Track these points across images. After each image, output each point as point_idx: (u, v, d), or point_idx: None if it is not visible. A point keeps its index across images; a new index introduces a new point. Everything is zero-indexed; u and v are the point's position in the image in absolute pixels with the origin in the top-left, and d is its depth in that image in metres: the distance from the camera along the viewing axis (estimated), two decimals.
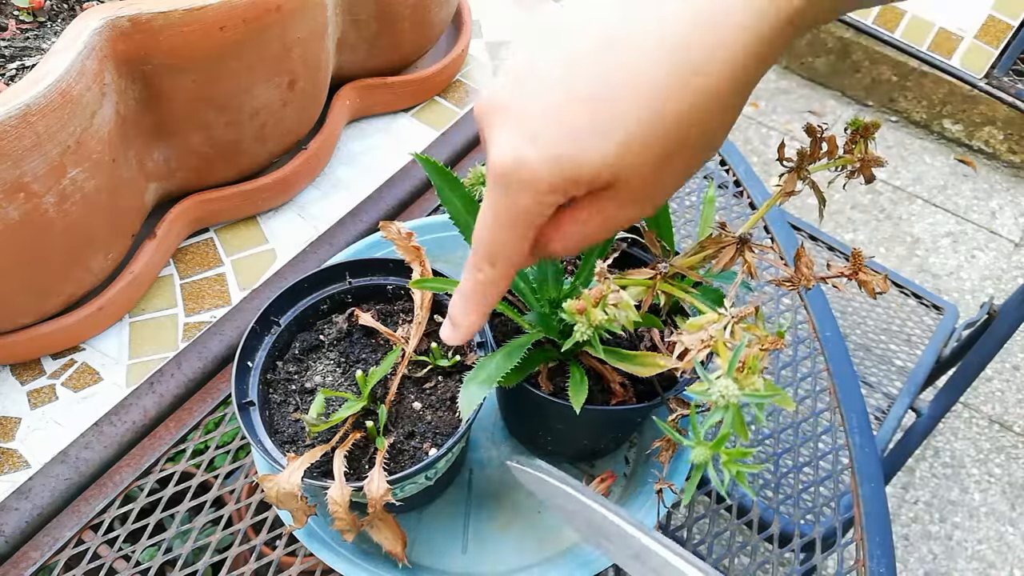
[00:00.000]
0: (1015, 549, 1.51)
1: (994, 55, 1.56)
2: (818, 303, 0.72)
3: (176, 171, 0.65)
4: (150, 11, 0.52)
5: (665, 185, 0.33)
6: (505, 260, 0.35)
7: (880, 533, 0.58)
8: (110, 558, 0.56)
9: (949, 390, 1.14)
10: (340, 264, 0.54)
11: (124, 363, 0.63)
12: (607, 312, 0.38)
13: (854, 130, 0.39)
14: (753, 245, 0.42)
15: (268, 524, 0.56)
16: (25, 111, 0.46)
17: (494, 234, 0.34)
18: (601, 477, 0.58)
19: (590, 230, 0.35)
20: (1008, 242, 2.00)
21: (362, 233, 0.73)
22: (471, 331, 0.39)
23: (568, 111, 0.30)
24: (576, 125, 0.30)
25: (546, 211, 0.33)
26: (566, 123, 0.30)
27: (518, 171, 0.31)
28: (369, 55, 0.76)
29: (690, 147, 0.31)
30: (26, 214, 0.50)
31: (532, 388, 0.49)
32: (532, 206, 0.32)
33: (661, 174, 0.32)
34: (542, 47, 0.32)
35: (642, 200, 0.33)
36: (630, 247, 0.57)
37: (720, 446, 0.33)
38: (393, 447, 0.49)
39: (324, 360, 0.53)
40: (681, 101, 0.29)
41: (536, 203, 0.32)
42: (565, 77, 0.31)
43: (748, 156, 2.14)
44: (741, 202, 0.80)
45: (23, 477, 0.57)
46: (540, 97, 0.31)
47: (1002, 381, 1.76)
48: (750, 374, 0.33)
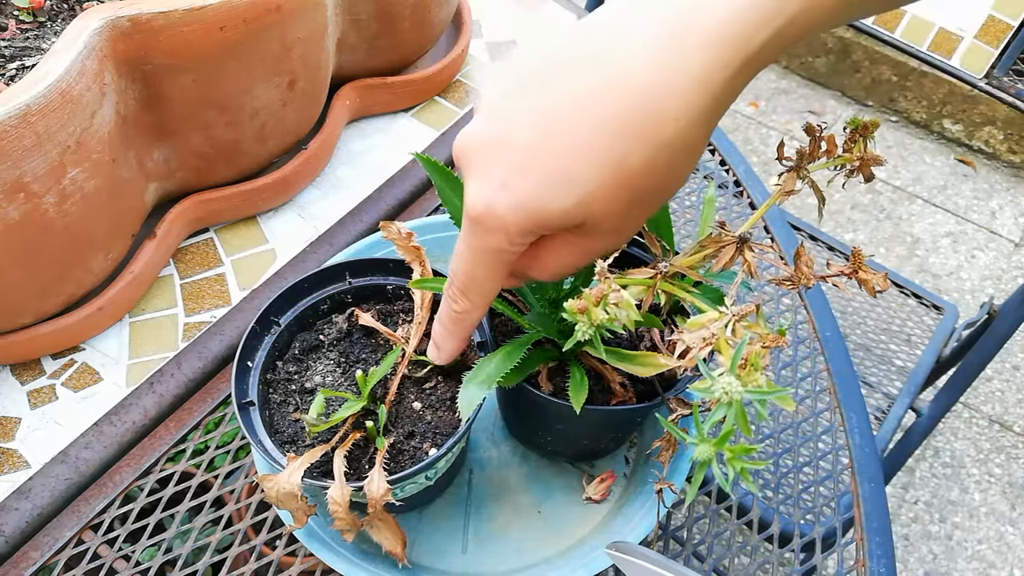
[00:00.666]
0: (1015, 549, 1.51)
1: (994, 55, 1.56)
2: (818, 303, 0.72)
3: (176, 171, 0.65)
4: (150, 11, 0.52)
5: (638, 220, 0.34)
6: (478, 293, 0.37)
7: (880, 533, 0.58)
8: (110, 558, 0.56)
9: (949, 390, 1.14)
10: (340, 264, 0.54)
11: (124, 363, 0.63)
12: (608, 311, 0.38)
13: (853, 129, 0.39)
14: (753, 244, 0.42)
15: (268, 524, 0.56)
16: (25, 111, 0.46)
17: (469, 269, 0.36)
18: (601, 477, 0.58)
19: (568, 261, 0.36)
20: (1008, 242, 2.00)
21: (362, 233, 0.73)
22: (453, 354, 0.42)
23: (536, 161, 0.31)
24: (543, 175, 0.31)
25: (517, 250, 0.34)
26: (534, 172, 0.31)
27: (489, 216, 0.33)
28: (369, 55, 0.76)
29: (656, 189, 0.32)
30: (26, 214, 0.50)
31: (532, 388, 0.49)
32: (504, 246, 0.34)
33: (631, 213, 0.33)
34: (517, 92, 0.33)
35: (616, 234, 0.34)
36: (630, 247, 0.57)
37: (724, 443, 0.33)
38: (393, 447, 0.49)
39: (324, 360, 0.53)
40: (643, 152, 0.30)
41: (508, 244, 0.34)
42: (534, 125, 0.31)
43: (748, 156, 2.14)
44: (741, 202, 0.80)
45: (23, 477, 0.57)
46: (510, 145, 0.32)
47: (1002, 381, 1.76)
48: (752, 371, 0.33)
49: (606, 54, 0.30)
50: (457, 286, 0.38)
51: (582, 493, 0.58)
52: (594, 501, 0.58)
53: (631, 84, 0.30)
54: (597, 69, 0.30)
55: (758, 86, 2.32)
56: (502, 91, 0.33)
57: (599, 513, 0.57)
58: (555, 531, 0.56)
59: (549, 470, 0.59)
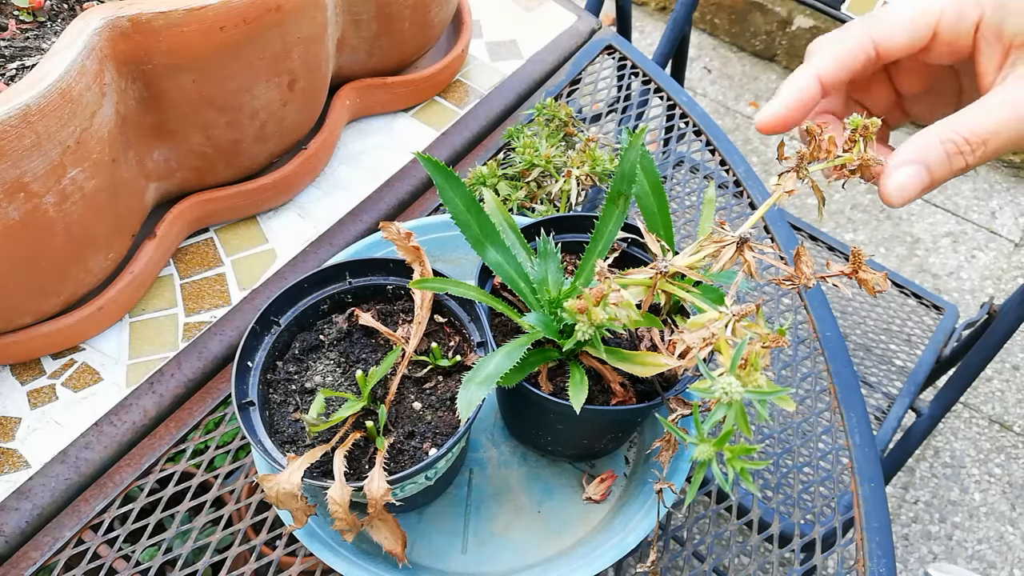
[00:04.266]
0: (1015, 549, 1.51)
1: None
2: (818, 303, 0.72)
3: (176, 171, 0.65)
4: (150, 11, 0.52)
5: None
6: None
7: (880, 533, 0.58)
8: (110, 558, 0.56)
9: (949, 390, 1.14)
10: (340, 264, 0.54)
11: (124, 363, 0.63)
12: (608, 311, 0.38)
13: (853, 130, 0.39)
14: (753, 244, 0.42)
15: (268, 524, 0.56)
16: (25, 111, 0.46)
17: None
18: (601, 477, 0.58)
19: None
20: (1008, 242, 2.00)
21: (362, 233, 0.73)
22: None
23: None
24: None
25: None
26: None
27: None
28: (369, 55, 0.76)
29: None
30: (26, 214, 0.50)
31: (532, 388, 0.49)
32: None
33: None
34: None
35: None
36: (630, 247, 0.57)
37: (724, 443, 0.33)
38: (393, 447, 0.49)
39: (324, 360, 0.53)
40: None
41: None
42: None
43: (748, 156, 2.14)
44: (741, 202, 0.80)
45: (23, 477, 0.57)
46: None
47: (1002, 381, 1.75)
48: (752, 371, 0.33)
49: None
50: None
51: (582, 493, 0.58)
52: (594, 501, 0.58)
53: None
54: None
55: (758, 86, 2.32)
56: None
57: (599, 513, 0.57)
58: (555, 531, 0.56)
59: (549, 470, 0.59)
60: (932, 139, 0.38)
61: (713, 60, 2.38)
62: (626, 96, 0.89)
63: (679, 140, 0.85)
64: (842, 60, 0.40)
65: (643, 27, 2.47)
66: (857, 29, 0.41)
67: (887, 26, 0.40)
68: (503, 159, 0.77)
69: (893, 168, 0.38)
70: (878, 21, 0.40)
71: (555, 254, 0.51)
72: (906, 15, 0.40)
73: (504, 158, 0.77)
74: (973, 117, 0.38)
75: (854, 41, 0.40)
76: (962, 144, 0.38)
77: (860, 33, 0.41)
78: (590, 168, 0.71)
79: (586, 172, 0.71)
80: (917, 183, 0.38)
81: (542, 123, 0.78)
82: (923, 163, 0.38)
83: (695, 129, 0.86)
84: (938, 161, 0.38)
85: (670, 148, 0.84)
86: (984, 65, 0.40)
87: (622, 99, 0.88)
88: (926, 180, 0.38)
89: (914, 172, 0.38)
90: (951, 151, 0.38)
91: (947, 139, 0.38)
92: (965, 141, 0.38)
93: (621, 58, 0.92)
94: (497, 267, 0.50)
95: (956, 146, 0.38)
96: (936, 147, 0.38)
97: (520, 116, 0.85)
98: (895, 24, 0.40)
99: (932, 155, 0.38)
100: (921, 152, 0.38)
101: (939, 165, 0.38)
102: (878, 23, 0.40)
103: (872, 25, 0.40)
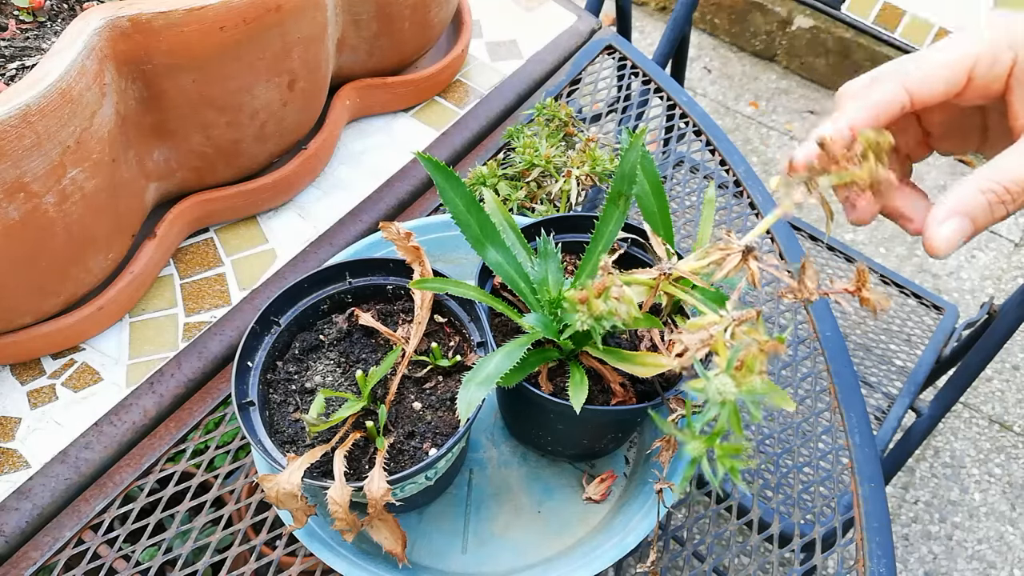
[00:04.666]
0: (1015, 549, 1.51)
1: None
2: (818, 303, 0.72)
3: (176, 171, 0.65)
4: (150, 11, 0.52)
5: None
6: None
7: (880, 533, 0.58)
8: (110, 558, 0.56)
9: (949, 390, 1.14)
10: (340, 264, 0.54)
11: (124, 363, 0.63)
12: (608, 304, 0.38)
13: (865, 146, 0.39)
14: (758, 255, 0.42)
15: (268, 524, 0.56)
16: (25, 111, 0.46)
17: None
18: (601, 477, 0.58)
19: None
20: (1008, 242, 2.00)
21: (362, 233, 0.73)
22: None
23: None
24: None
25: None
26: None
27: None
28: (369, 55, 0.76)
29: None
30: (26, 214, 0.50)
31: (532, 388, 0.49)
32: None
33: None
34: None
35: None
36: (630, 247, 0.57)
37: (714, 441, 0.33)
38: (393, 447, 0.49)
39: (324, 360, 0.53)
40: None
41: None
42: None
43: (748, 156, 2.14)
44: (741, 202, 0.80)
45: (23, 477, 0.57)
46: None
47: (1002, 381, 1.75)
48: (748, 373, 0.33)
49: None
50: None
51: (582, 493, 0.58)
52: (594, 501, 0.58)
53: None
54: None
55: (758, 86, 2.32)
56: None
57: (599, 513, 0.57)
58: (555, 531, 0.56)
59: (549, 470, 0.59)
60: (973, 190, 0.39)
61: (713, 60, 2.38)
62: (626, 96, 0.89)
63: (679, 140, 0.85)
64: (877, 112, 0.40)
65: (643, 27, 2.47)
66: (891, 78, 0.41)
67: (921, 74, 0.40)
68: (503, 159, 0.77)
69: (938, 222, 0.39)
70: (913, 69, 0.40)
71: (555, 254, 0.51)
72: (941, 62, 0.40)
73: (504, 158, 0.77)
74: (1011, 164, 0.39)
75: (890, 91, 0.40)
76: (1003, 194, 0.38)
77: (895, 83, 0.40)
78: (590, 168, 0.71)
79: (586, 172, 0.71)
80: (961, 236, 0.39)
81: (542, 123, 0.78)
82: (967, 215, 0.39)
83: (695, 129, 0.86)
84: (981, 212, 0.39)
85: (670, 148, 0.84)
86: (1017, 107, 0.40)
87: (622, 99, 0.88)
88: (969, 231, 0.39)
89: (958, 226, 0.39)
90: (993, 201, 0.39)
91: (988, 189, 0.39)
92: (1006, 191, 0.38)
93: (621, 58, 0.92)
94: (497, 267, 0.50)
95: (997, 196, 0.38)
96: (979, 198, 0.39)
97: (520, 116, 0.85)
98: (930, 72, 0.40)
99: (976, 206, 0.39)
100: (964, 204, 0.39)
101: (982, 215, 0.39)
102: (913, 71, 0.40)
103: (906, 73, 0.40)
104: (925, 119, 0.46)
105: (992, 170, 0.39)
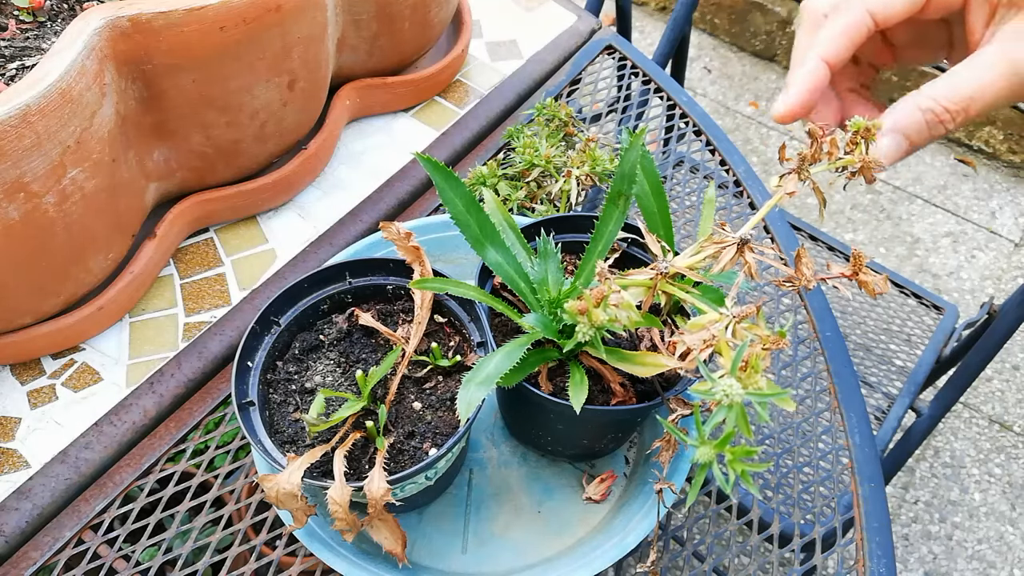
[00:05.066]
0: (1015, 549, 1.51)
1: None
2: (818, 303, 0.72)
3: (176, 171, 0.65)
4: (150, 11, 0.52)
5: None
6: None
7: (880, 533, 0.58)
8: (110, 558, 0.56)
9: (949, 390, 1.14)
10: (340, 264, 0.54)
11: (124, 363, 0.63)
12: (608, 312, 0.38)
13: (855, 132, 0.39)
14: (753, 245, 0.42)
15: (268, 524, 0.56)
16: (25, 111, 0.46)
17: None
18: (601, 477, 0.58)
19: None
20: (1008, 242, 2.00)
21: (362, 233, 0.73)
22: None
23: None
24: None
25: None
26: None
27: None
28: (369, 55, 0.76)
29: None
30: (26, 214, 0.50)
31: (532, 388, 0.49)
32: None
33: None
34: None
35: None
36: (630, 247, 0.57)
37: (724, 445, 0.33)
38: (393, 447, 0.49)
39: (324, 360, 0.53)
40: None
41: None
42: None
43: (748, 156, 2.14)
44: (741, 202, 0.80)
45: (23, 477, 0.57)
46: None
47: (1002, 381, 1.75)
48: (753, 373, 0.33)
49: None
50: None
51: (582, 493, 0.58)
52: (594, 501, 0.58)
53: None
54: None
55: (758, 86, 2.32)
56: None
57: (599, 513, 0.57)
58: (555, 531, 0.56)
59: (549, 470, 0.59)
60: (912, 108, 0.39)
61: (713, 60, 2.38)
62: (626, 96, 0.89)
63: (679, 140, 0.85)
64: (844, 41, 0.41)
65: (643, 27, 2.47)
66: (854, 3, 0.41)
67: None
68: (503, 159, 0.77)
69: (877, 137, 0.40)
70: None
71: (555, 254, 0.51)
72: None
73: (504, 158, 0.77)
74: (954, 83, 0.39)
75: (854, 17, 0.41)
76: (941, 113, 0.39)
77: (858, 7, 0.41)
78: (590, 168, 0.71)
79: (586, 172, 0.71)
80: (897, 152, 0.40)
81: (542, 123, 0.78)
82: (902, 132, 0.40)
83: (695, 129, 0.86)
84: (917, 130, 0.39)
85: (670, 148, 0.84)
86: (973, 23, 0.41)
87: (622, 99, 0.88)
88: (905, 148, 0.40)
89: (893, 142, 0.40)
90: (931, 120, 0.39)
91: (926, 107, 0.39)
92: (944, 109, 0.39)
93: (621, 58, 0.92)
94: (497, 267, 0.50)
95: (935, 115, 0.39)
96: (916, 116, 0.39)
97: (520, 116, 0.85)
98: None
99: (911, 124, 0.39)
100: (901, 122, 0.40)
101: (918, 134, 0.40)
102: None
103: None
104: (890, 34, 0.47)
105: (934, 87, 0.39)
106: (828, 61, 0.41)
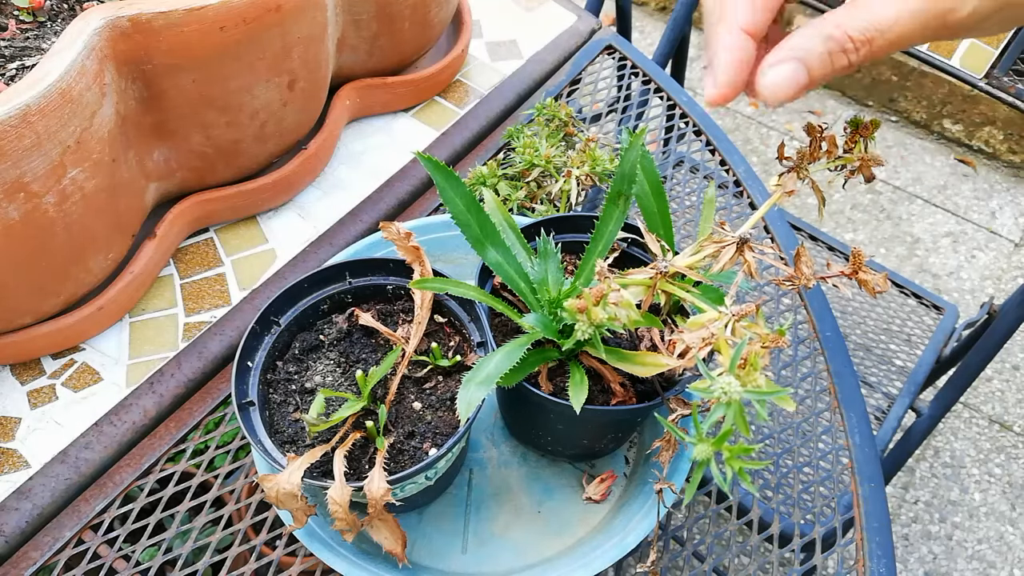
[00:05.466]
0: (1015, 549, 1.51)
1: (994, 55, 1.56)
2: (818, 303, 0.72)
3: (176, 171, 0.65)
4: (150, 11, 0.52)
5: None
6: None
7: (880, 533, 0.58)
8: (110, 558, 0.56)
9: (949, 390, 1.14)
10: (340, 264, 0.54)
11: (124, 363, 0.63)
12: (608, 311, 0.38)
13: (853, 129, 0.39)
14: (753, 244, 0.42)
15: (268, 524, 0.56)
16: (25, 111, 0.46)
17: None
18: (601, 477, 0.58)
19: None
20: (1008, 242, 2.00)
21: (362, 233, 0.73)
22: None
23: None
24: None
25: None
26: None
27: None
28: (369, 55, 0.76)
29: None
30: (26, 214, 0.50)
31: (532, 388, 0.49)
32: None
33: None
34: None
35: None
36: (630, 247, 0.57)
37: (722, 443, 0.33)
38: (393, 447, 0.49)
39: (324, 360, 0.53)
40: None
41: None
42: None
43: (748, 156, 2.14)
44: (741, 202, 0.80)
45: (23, 477, 0.57)
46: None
47: (1002, 381, 1.75)
48: (752, 371, 0.33)
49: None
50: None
51: (582, 493, 0.58)
52: (594, 501, 0.58)
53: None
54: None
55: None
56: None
57: (599, 513, 0.57)
58: (555, 531, 0.56)
59: (549, 470, 0.59)
60: (813, 35, 0.36)
61: None
62: (626, 96, 0.89)
63: (679, 140, 0.85)
64: (759, 4, 0.37)
65: (643, 27, 2.47)
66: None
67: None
68: (503, 159, 0.77)
69: (769, 66, 0.36)
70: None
71: (555, 254, 0.51)
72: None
73: (504, 158, 0.77)
74: (863, 13, 0.35)
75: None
76: (845, 42, 0.35)
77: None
78: (590, 168, 0.71)
79: (586, 172, 0.71)
80: (792, 83, 0.36)
81: (542, 123, 0.78)
82: (802, 61, 0.36)
83: (695, 129, 0.86)
84: (818, 60, 0.35)
85: (670, 148, 0.84)
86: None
87: (622, 99, 0.88)
88: (803, 80, 0.36)
89: (790, 71, 0.36)
90: (833, 49, 0.35)
91: (829, 36, 0.35)
92: (850, 39, 0.35)
93: (621, 58, 0.92)
94: (497, 267, 0.50)
95: (839, 44, 0.35)
96: (817, 44, 0.35)
97: (520, 116, 0.85)
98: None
99: (812, 52, 0.35)
100: (801, 48, 0.36)
101: (819, 64, 0.35)
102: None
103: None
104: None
105: (840, 15, 0.35)
106: (747, 29, 0.37)
